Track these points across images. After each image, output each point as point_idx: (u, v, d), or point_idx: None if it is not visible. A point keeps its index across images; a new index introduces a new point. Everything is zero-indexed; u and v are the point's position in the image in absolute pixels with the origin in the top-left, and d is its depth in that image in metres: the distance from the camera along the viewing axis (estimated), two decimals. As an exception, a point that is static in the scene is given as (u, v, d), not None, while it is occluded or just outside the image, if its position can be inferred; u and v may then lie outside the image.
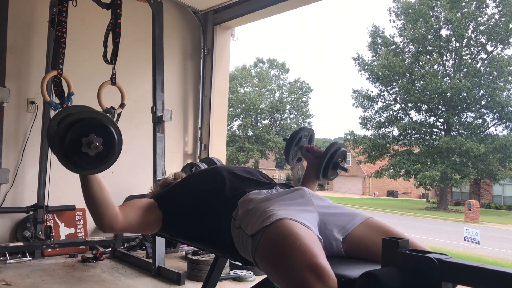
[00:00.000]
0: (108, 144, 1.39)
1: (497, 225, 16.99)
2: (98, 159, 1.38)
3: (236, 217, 1.46)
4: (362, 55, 25.84)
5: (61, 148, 1.33)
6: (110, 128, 1.39)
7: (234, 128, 34.02)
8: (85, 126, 1.35)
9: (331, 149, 1.92)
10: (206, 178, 1.69)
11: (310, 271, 1.09)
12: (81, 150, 1.34)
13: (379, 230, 1.41)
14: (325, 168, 1.92)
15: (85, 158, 1.36)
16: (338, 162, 1.96)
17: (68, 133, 1.32)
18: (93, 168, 1.41)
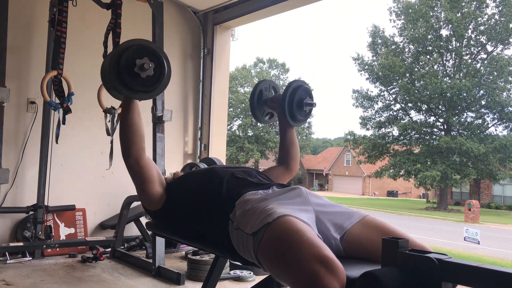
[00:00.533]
0: (158, 71, 1.52)
1: (497, 225, 17.00)
2: (147, 83, 1.51)
3: (233, 219, 1.45)
4: (362, 55, 25.95)
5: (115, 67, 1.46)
6: (162, 59, 1.53)
7: (234, 128, 34.03)
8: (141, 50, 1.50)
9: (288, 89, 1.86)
10: (203, 179, 1.70)
11: (319, 262, 1.09)
12: (134, 70, 1.47)
13: (377, 228, 1.41)
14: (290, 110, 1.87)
15: (136, 80, 1.48)
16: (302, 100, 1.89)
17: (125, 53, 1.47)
18: (141, 92, 1.52)
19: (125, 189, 4.07)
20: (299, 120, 1.93)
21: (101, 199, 4.17)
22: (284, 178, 1.98)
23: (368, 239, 1.38)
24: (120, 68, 1.46)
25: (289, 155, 1.99)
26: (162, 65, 1.53)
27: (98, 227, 4.17)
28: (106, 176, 4.10)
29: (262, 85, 2.01)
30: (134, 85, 1.48)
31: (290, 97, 1.86)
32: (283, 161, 2.00)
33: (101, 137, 3.51)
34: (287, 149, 1.98)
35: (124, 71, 1.46)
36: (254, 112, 2.03)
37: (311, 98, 1.94)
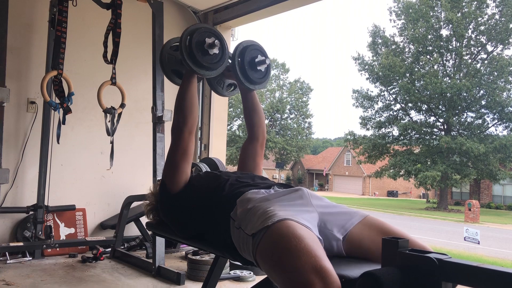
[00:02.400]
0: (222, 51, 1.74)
1: (497, 225, 17.00)
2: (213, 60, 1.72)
3: (235, 217, 1.45)
4: (363, 55, 25.83)
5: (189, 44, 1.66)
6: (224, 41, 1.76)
7: (234, 128, 34.04)
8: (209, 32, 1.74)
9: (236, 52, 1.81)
10: (210, 181, 1.71)
11: (315, 273, 1.08)
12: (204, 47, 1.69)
13: (377, 228, 1.41)
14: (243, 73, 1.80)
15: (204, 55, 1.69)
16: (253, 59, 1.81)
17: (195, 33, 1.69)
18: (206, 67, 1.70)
19: (125, 189, 4.07)
20: (257, 82, 1.86)
21: (101, 199, 4.17)
22: (254, 148, 1.94)
23: (369, 239, 1.38)
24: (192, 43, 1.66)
25: (253, 122, 1.94)
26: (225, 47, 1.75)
27: (98, 227, 4.17)
28: (106, 176, 4.10)
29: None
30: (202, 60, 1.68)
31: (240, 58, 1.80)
32: (248, 131, 1.96)
33: (101, 137, 3.52)
34: (250, 116, 1.94)
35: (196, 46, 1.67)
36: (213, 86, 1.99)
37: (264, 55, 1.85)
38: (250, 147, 1.94)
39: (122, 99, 3.32)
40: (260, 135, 1.95)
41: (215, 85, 1.99)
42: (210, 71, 1.72)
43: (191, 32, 1.69)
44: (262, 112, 1.98)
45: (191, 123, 1.71)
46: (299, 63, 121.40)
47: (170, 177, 1.72)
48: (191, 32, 1.69)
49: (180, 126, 1.69)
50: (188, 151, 1.70)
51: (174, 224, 1.77)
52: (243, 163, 1.94)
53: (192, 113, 1.72)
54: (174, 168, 1.70)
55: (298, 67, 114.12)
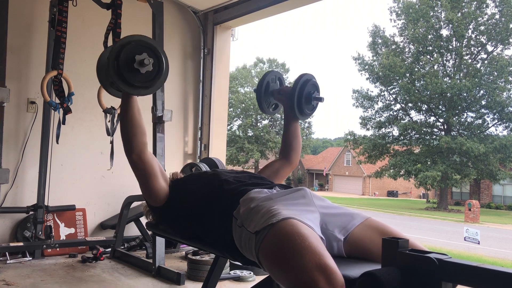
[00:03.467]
0: (157, 67, 1.54)
1: (497, 225, 17.00)
2: (147, 79, 1.52)
3: (237, 216, 1.45)
4: (363, 55, 25.82)
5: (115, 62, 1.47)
6: (161, 54, 1.55)
7: (234, 128, 34.04)
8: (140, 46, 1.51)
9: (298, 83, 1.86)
10: (208, 180, 1.71)
11: (319, 271, 1.09)
12: (134, 66, 1.48)
13: (378, 230, 1.42)
14: (299, 103, 1.87)
15: (136, 75, 1.50)
16: (310, 93, 1.90)
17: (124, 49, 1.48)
18: (141, 87, 1.53)
19: (125, 189, 4.07)
20: (306, 113, 1.94)
21: (101, 199, 4.17)
22: (285, 171, 1.98)
23: (370, 240, 1.39)
24: (120, 63, 1.47)
25: (291, 147, 1.99)
26: (161, 60, 1.55)
27: (98, 227, 4.17)
28: (106, 176, 4.10)
29: (269, 76, 2.01)
30: (133, 80, 1.50)
31: (299, 90, 1.86)
32: (284, 153, 2.00)
33: (101, 137, 3.52)
34: (290, 141, 1.99)
35: (123, 66, 1.47)
36: (261, 103, 2.04)
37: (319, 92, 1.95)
38: (282, 168, 1.97)
39: (122, 99, 3.32)
40: (296, 159, 2.02)
41: (262, 101, 2.03)
42: (146, 90, 1.55)
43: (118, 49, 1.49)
44: (301, 139, 2.05)
45: (136, 146, 1.60)
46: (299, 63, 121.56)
47: (148, 196, 1.72)
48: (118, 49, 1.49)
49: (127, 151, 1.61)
50: (147, 171, 1.64)
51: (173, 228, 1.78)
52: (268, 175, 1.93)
53: (136, 138, 1.59)
54: (146, 190, 1.70)
55: (298, 67, 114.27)
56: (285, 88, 1.96)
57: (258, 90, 1.99)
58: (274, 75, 2.04)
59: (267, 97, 2.02)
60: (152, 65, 1.51)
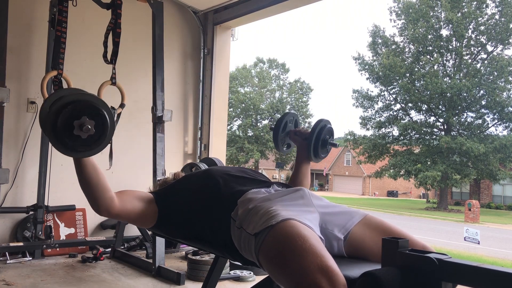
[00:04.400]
0: (100, 127, 1.39)
1: (497, 225, 16.99)
2: (90, 142, 1.38)
3: (236, 218, 1.45)
4: (363, 55, 25.81)
5: (53, 130, 1.33)
6: (102, 111, 1.39)
7: (234, 128, 34.03)
8: (77, 109, 1.34)
9: (317, 127, 1.95)
10: (201, 182, 1.69)
11: (321, 273, 1.08)
12: (73, 133, 1.34)
13: (378, 228, 1.42)
14: (315, 147, 1.96)
15: (77, 141, 1.36)
16: (326, 139, 1.99)
17: (60, 115, 1.32)
18: (85, 151, 1.41)
19: (125, 189, 4.07)
20: (320, 157, 2.03)
21: (101, 199, 4.17)
22: None
23: (370, 239, 1.39)
24: (58, 134, 1.33)
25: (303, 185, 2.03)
26: (104, 118, 1.39)
27: (98, 227, 4.17)
28: (106, 176, 4.09)
29: (288, 117, 2.09)
30: (76, 146, 1.38)
31: (317, 135, 1.95)
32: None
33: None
34: (301, 180, 2.03)
35: (63, 135, 1.34)
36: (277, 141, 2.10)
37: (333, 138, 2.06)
38: None
39: (122, 99, 3.32)
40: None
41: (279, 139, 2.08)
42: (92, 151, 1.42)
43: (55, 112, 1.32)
44: (310, 178, 2.10)
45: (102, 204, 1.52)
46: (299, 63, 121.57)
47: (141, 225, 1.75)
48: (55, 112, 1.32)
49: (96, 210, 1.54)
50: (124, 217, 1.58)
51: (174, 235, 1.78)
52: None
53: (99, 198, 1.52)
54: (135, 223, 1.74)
55: (298, 67, 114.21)
56: (302, 130, 2.03)
57: (276, 128, 2.05)
58: (292, 117, 2.12)
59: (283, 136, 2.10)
60: (94, 127, 1.36)
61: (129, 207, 1.57)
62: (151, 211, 1.62)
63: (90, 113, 1.37)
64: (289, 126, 2.09)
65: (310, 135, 1.95)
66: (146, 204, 1.62)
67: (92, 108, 1.37)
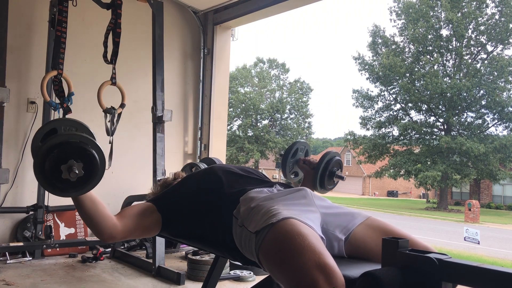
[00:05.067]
0: (89, 167, 1.34)
1: (497, 225, 16.99)
2: (80, 183, 1.34)
3: (237, 216, 1.45)
4: (363, 54, 25.82)
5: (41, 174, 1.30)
6: (90, 151, 1.33)
7: (234, 128, 34.03)
8: (64, 152, 1.29)
9: (325, 159, 1.95)
10: (203, 179, 1.69)
11: (319, 270, 1.09)
12: (62, 177, 1.30)
13: (380, 229, 1.42)
14: (321, 178, 1.95)
15: (67, 184, 1.32)
16: (334, 171, 1.98)
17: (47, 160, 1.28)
18: (77, 191, 1.38)
19: (125, 189, 4.07)
20: (326, 188, 2.01)
21: (101, 199, 4.13)
22: None
23: (372, 240, 1.39)
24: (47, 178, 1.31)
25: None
26: (92, 158, 1.34)
27: (98, 227, 4.17)
28: (106, 176, 4.04)
29: (299, 145, 2.10)
30: (66, 188, 1.34)
31: (325, 166, 1.95)
32: None
33: (100, 137, 3.47)
34: None
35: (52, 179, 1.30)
36: (285, 167, 2.10)
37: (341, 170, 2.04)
38: None
39: (122, 99, 3.32)
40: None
41: (287, 165, 2.09)
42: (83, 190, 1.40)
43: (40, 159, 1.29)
44: None
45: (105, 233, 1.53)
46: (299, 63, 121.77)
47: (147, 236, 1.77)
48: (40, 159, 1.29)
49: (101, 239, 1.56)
50: (129, 237, 1.60)
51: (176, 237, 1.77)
52: None
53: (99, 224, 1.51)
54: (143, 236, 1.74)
55: (298, 67, 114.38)
56: (311, 160, 2.03)
57: (286, 154, 2.06)
58: (303, 145, 2.13)
59: (292, 163, 2.10)
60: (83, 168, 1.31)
61: (131, 227, 1.57)
62: (155, 221, 1.62)
63: (78, 155, 1.31)
64: (299, 154, 2.10)
65: (317, 165, 1.94)
66: (148, 217, 1.61)
67: (79, 149, 1.32)
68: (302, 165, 2.05)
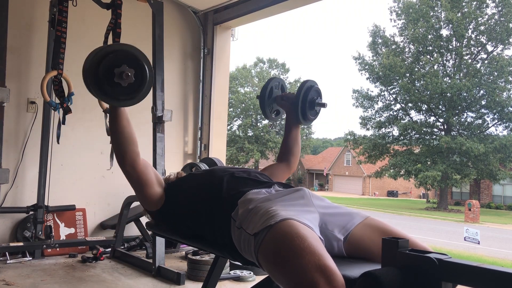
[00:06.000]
0: (139, 76, 1.45)
1: (497, 225, 17.00)
2: (130, 90, 1.45)
3: (236, 218, 1.45)
4: (363, 54, 25.82)
5: (95, 78, 1.40)
6: (142, 61, 1.45)
7: (234, 128, 34.05)
8: (118, 57, 1.41)
9: (302, 89, 1.89)
10: (204, 179, 1.71)
11: (319, 272, 1.08)
12: (114, 80, 1.40)
13: (378, 229, 1.41)
14: (303, 110, 1.91)
15: (117, 89, 1.43)
16: (313, 99, 1.93)
17: (102, 63, 1.39)
18: (126, 99, 1.48)
19: (125, 189, 4.04)
20: (309, 119, 1.97)
21: (101, 199, 4.17)
22: (284, 175, 2.00)
23: (370, 240, 1.39)
24: (99, 80, 1.40)
25: (291, 152, 2.02)
26: (143, 68, 1.45)
27: (98, 227, 4.17)
28: (106, 176, 4.10)
29: (273, 83, 2.03)
30: (116, 94, 1.44)
31: (304, 96, 1.89)
32: (284, 157, 2.02)
33: (101, 137, 3.51)
34: (291, 146, 2.01)
35: (104, 82, 1.40)
36: (264, 109, 2.06)
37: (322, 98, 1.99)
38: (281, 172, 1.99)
39: (122, 99, 3.32)
40: (295, 164, 2.05)
41: (265, 106, 2.05)
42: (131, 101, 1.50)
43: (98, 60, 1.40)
44: (300, 144, 2.08)
45: (130, 160, 1.58)
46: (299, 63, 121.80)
47: (143, 202, 1.73)
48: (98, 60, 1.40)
49: (121, 163, 1.60)
50: (141, 180, 1.63)
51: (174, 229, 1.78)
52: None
53: (128, 150, 1.57)
54: (141, 197, 1.70)
55: (298, 67, 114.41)
56: (288, 94, 1.98)
57: (262, 95, 2.01)
58: (277, 82, 2.06)
59: (270, 102, 2.05)
60: (134, 76, 1.42)
61: (148, 172, 1.63)
62: (160, 194, 1.67)
63: (130, 62, 1.43)
64: (275, 92, 2.04)
65: (296, 98, 1.90)
66: (159, 186, 1.68)
67: (132, 57, 1.44)
68: (280, 102, 2.01)
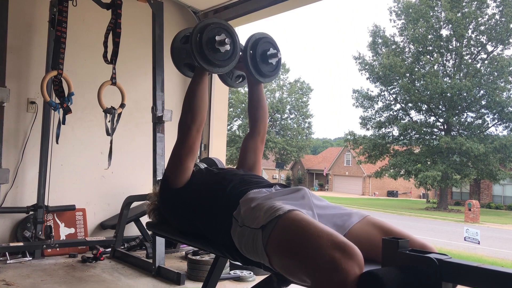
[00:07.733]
0: (233, 46, 1.71)
1: (497, 225, 17.00)
2: (224, 57, 1.69)
3: (237, 217, 1.46)
4: (363, 54, 25.83)
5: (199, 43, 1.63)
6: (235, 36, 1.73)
7: (234, 128, 34.04)
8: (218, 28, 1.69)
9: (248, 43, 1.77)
10: (212, 179, 1.72)
11: (336, 249, 1.10)
12: (215, 46, 1.65)
13: (378, 227, 1.42)
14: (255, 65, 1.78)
15: (216, 54, 1.67)
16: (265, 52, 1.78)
17: (205, 30, 1.65)
18: (219, 66, 1.69)
19: (125, 189, 4.07)
20: (268, 75, 1.83)
21: (101, 199, 4.17)
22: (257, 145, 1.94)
23: (369, 238, 1.39)
24: (203, 43, 1.63)
25: (256, 117, 1.94)
26: (235, 41, 1.72)
27: (98, 227, 4.17)
28: (106, 176, 4.10)
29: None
30: (213, 59, 1.66)
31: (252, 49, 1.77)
32: (251, 125, 1.97)
33: (101, 137, 3.52)
34: (254, 110, 1.94)
35: (206, 46, 1.64)
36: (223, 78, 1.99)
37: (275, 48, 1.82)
38: (251, 141, 1.95)
39: (122, 99, 3.32)
40: (262, 129, 1.96)
41: (224, 76, 1.99)
42: (221, 68, 1.71)
43: (201, 29, 1.65)
44: (266, 107, 2.00)
45: (200, 121, 1.70)
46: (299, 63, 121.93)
47: (174, 172, 1.73)
48: (201, 29, 1.65)
49: (189, 124, 1.68)
50: (194, 148, 1.71)
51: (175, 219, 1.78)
52: (243, 156, 1.94)
53: (202, 111, 1.71)
54: (178, 164, 1.71)
55: (298, 67, 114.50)
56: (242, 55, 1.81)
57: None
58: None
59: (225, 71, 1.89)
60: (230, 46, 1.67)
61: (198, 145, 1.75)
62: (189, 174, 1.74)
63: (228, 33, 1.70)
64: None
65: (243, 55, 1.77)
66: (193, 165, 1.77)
67: (229, 30, 1.71)
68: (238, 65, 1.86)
